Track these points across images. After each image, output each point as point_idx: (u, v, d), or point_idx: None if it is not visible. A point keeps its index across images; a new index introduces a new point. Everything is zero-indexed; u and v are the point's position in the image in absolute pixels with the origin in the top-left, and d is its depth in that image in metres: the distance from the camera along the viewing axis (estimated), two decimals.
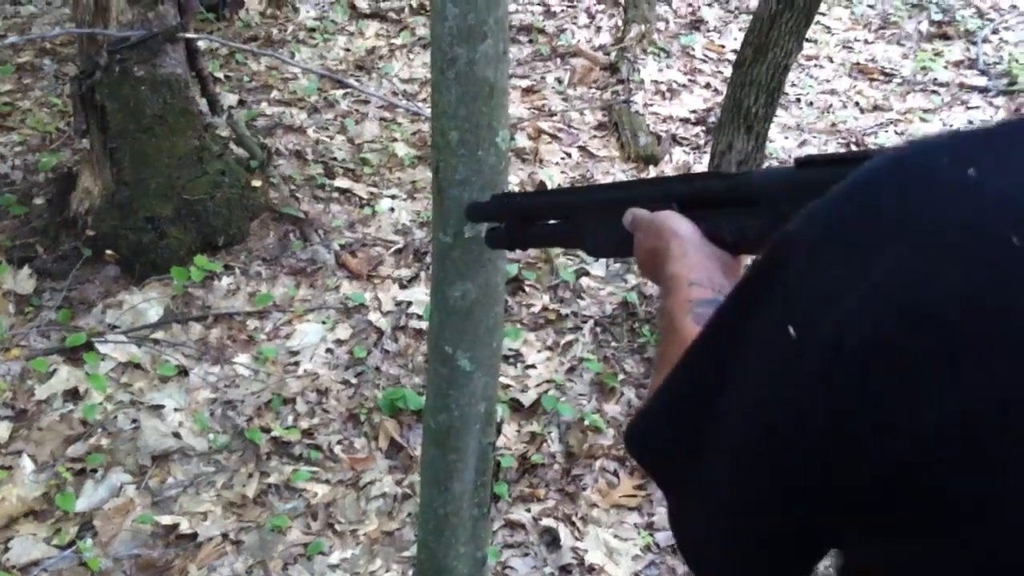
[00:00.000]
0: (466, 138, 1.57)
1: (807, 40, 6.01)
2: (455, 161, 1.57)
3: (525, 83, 5.42)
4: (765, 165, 4.58)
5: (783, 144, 4.87)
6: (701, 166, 4.41)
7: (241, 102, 5.05)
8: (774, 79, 2.83)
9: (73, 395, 3.16)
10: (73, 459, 2.92)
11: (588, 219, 1.26)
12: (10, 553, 2.60)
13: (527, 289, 3.72)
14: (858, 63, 5.73)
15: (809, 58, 5.81)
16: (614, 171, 4.58)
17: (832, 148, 4.84)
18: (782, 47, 2.76)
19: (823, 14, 6.36)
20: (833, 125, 5.09)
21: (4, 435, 2.98)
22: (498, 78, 1.57)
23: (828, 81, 5.53)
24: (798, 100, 5.34)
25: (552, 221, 1.40)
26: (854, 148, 4.86)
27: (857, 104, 5.30)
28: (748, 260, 1.12)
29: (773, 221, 0.98)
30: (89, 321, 3.45)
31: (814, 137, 4.95)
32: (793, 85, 5.49)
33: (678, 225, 1.05)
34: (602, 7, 6.37)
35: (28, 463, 2.89)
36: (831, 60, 5.78)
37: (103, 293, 3.60)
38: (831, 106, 5.27)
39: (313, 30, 6.01)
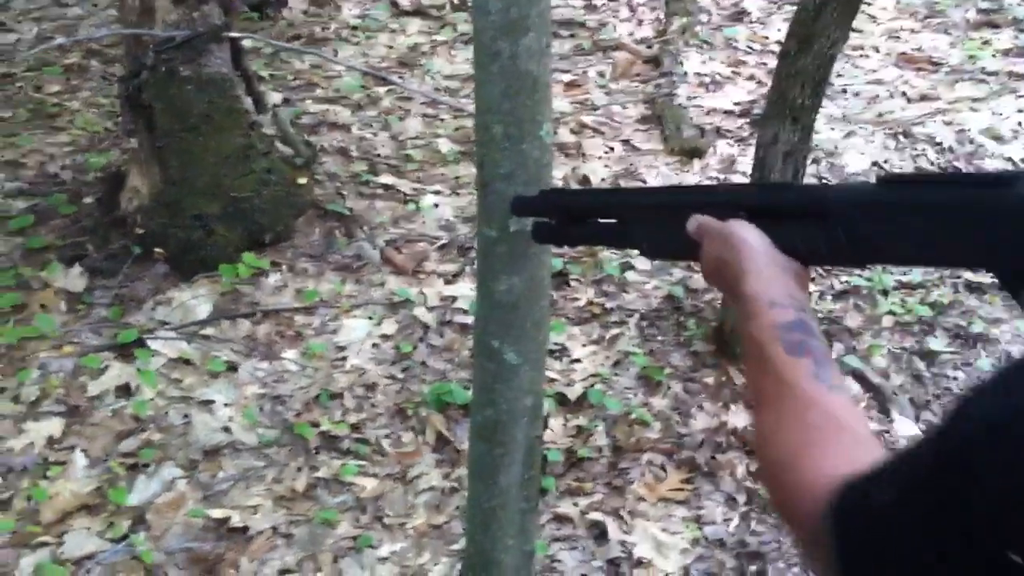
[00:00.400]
0: (510, 132, 1.57)
1: (852, 30, 5.96)
2: (499, 155, 1.58)
3: (567, 77, 5.42)
4: (811, 157, 4.55)
5: (829, 135, 4.82)
6: (746, 159, 4.38)
7: (286, 100, 5.09)
8: (820, 70, 2.80)
9: (125, 391, 3.20)
10: (125, 454, 2.97)
11: (644, 221, 1.26)
12: (64, 547, 2.65)
13: (572, 283, 3.72)
14: (904, 53, 5.65)
15: (855, 48, 5.73)
16: (658, 164, 4.56)
17: (879, 139, 4.78)
18: (828, 37, 2.73)
19: (868, 3, 6.27)
20: (880, 115, 5.02)
21: (57, 431, 3.04)
22: (541, 72, 1.57)
23: (874, 71, 5.47)
24: (844, 91, 5.28)
25: (602, 220, 1.40)
26: (901, 138, 4.80)
27: (904, 94, 5.23)
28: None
29: (851, 238, 0.98)
30: (139, 318, 3.50)
31: (860, 128, 4.89)
32: (839, 76, 5.43)
33: (750, 235, 1.03)
34: (643, 0, 6.35)
35: (81, 458, 2.94)
36: (877, 50, 5.71)
37: (153, 290, 3.65)
38: (877, 96, 5.20)
39: (355, 28, 6.04)
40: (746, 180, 3.78)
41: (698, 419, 3.10)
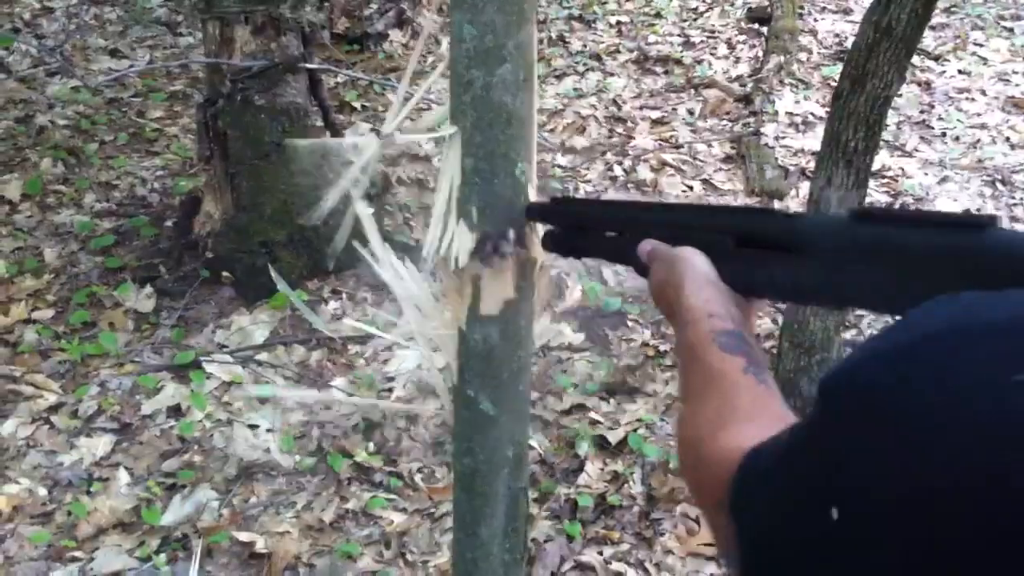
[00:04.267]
0: (480, 166, 1.53)
1: (960, 72, 5.74)
2: (468, 190, 1.54)
3: (656, 114, 5.36)
4: (888, 203, 4.38)
5: (922, 180, 4.64)
6: None
7: (373, 131, 5.16)
8: (874, 111, 2.69)
9: (176, 411, 3.28)
10: (166, 474, 3.03)
11: (642, 237, 1.23)
12: (94, 563, 2.71)
13: (629, 323, 3.65)
14: (1014, 97, 5.40)
15: (960, 91, 5.52)
16: (736, 205, 4.46)
17: (975, 185, 4.58)
18: (881, 78, 2.62)
19: (980, 45, 6.05)
20: (980, 161, 4.81)
21: (107, 448, 3.12)
22: (518, 106, 1.53)
23: (979, 115, 5.24)
24: (943, 135, 5.08)
25: (610, 233, 1.38)
26: (999, 185, 4.58)
27: (1008, 139, 4.99)
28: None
29: (820, 271, 0.94)
30: (200, 340, 3.59)
31: (956, 174, 4.69)
32: (940, 119, 5.24)
33: (697, 260, 1.04)
34: (743, 38, 6.24)
35: (124, 476, 3.02)
36: (984, 93, 5.47)
37: (217, 314, 3.74)
38: (979, 141, 4.98)
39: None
40: None
41: None
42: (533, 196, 1.56)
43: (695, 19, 6.65)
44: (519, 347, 1.74)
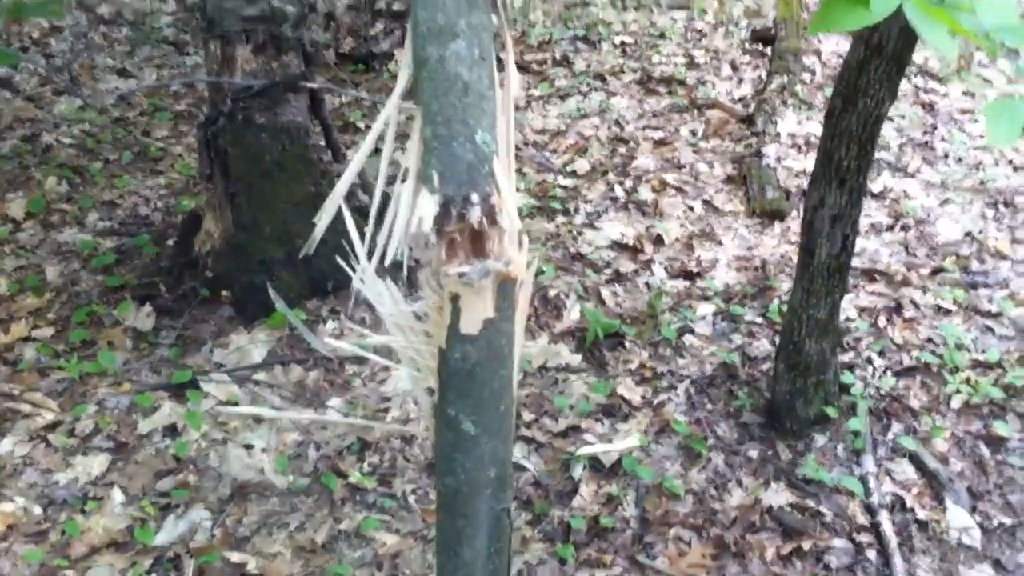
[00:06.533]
0: (439, 132, 1.51)
1: (964, 94, 5.73)
2: (429, 156, 1.52)
3: (658, 135, 5.36)
4: (901, 223, 4.37)
5: (924, 202, 4.63)
6: None
7: (377, 150, 5.17)
8: (866, 130, 2.68)
9: (172, 431, 3.28)
10: (161, 493, 3.03)
11: None
12: None
13: (627, 345, 3.64)
14: None
15: (963, 112, 5.52)
16: (736, 226, 4.45)
17: (977, 208, 4.56)
18: (872, 96, 2.62)
19: (984, 66, 6.04)
20: (982, 183, 4.79)
21: (103, 467, 3.12)
22: (474, 79, 1.52)
23: (982, 137, 5.23)
24: (946, 156, 5.07)
25: None
26: (1001, 208, 4.57)
27: (1011, 162, 4.98)
28: None
29: None
30: (198, 359, 3.59)
31: (958, 195, 4.67)
32: (943, 140, 5.23)
33: None
34: (747, 59, 6.25)
35: (119, 495, 3.01)
36: None
37: (215, 332, 3.74)
38: (981, 163, 4.97)
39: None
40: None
41: (734, 495, 2.97)
42: (504, 171, 1.54)
43: (699, 40, 6.67)
44: (501, 366, 1.74)
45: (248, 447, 3.20)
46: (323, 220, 1.81)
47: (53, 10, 3.50)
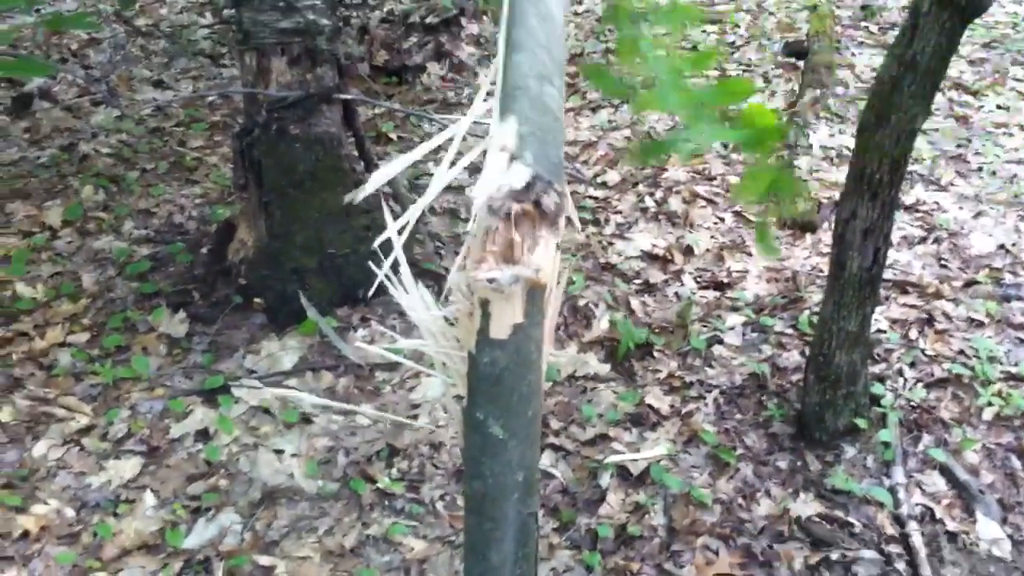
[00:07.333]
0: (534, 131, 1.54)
1: (999, 107, 5.69)
2: (522, 144, 1.54)
3: (689, 145, 5.35)
4: (933, 236, 4.35)
5: (957, 215, 4.60)
6: None
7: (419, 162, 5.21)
8: (898, 145, 2.68)
9: (204, 435, 3.32)
10: (191, 497, 3.06)
11: None
12: None
13: (656, 354, 3.64)
14: None
15: (998, 125, 5.48)
16: None
17: (1011, 221, 4.53)
18: (906, 111, 2.61)
19: (1019, 80, 6.01)
20: (1016, 196, 4.76)
21: (135, 470, 3.16)
22: (556, 107, 1.54)
23: (1016, 150, 5.19)
24: (980, 169, 5.03)
25: None
26: None
27: None
28: None
29: None
30: (230, 365, 3.63)
31: (992, 208, 4.64)
32: (977, 153, 5.20)
33: None
34: (779, 71, 6.24)
35: (151, 498, 3.05)
36: (1022, 128, 5.43)
37: (248, 339, 3.78)
38: (1015, 176, 4.93)
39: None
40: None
41: (762, 505, 2.97)
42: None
43: (732, 53, 6.67)
44: (529, 371, 1.75)
45: (278, 452, 3.23)
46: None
47: (91, 22, 3.56)
